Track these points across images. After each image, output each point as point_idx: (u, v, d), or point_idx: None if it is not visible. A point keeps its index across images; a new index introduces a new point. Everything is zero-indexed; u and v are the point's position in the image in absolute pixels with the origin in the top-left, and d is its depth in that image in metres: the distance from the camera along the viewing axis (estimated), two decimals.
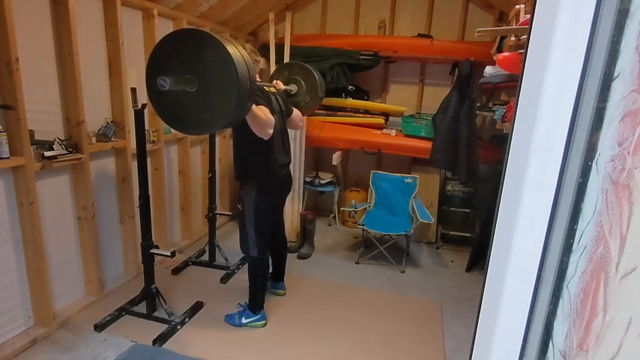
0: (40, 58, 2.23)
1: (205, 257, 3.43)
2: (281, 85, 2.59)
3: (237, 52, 1.55)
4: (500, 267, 0.87)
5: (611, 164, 0.64)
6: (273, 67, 3.88)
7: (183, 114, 1.57)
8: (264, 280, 2.56)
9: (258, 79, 2.37)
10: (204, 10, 3.53)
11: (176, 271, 3.19)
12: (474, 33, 2.91)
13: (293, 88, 2.74)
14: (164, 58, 1.54)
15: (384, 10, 4.18)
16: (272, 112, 2.22)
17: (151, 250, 2.47)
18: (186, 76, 1.51)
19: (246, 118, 2.03)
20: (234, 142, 2.45)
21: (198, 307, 2.69)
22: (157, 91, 1.51)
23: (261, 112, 2.10)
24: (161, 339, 2.33)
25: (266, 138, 2.17)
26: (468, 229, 4.13)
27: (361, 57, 3.85)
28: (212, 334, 2.46)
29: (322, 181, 4.25)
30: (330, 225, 4.49)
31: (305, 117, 3.05)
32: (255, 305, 2.53)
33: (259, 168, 2.38)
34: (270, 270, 2.95)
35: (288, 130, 2.62)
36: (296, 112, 2.62)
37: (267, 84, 2.47)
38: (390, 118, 4.18)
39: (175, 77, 1.50)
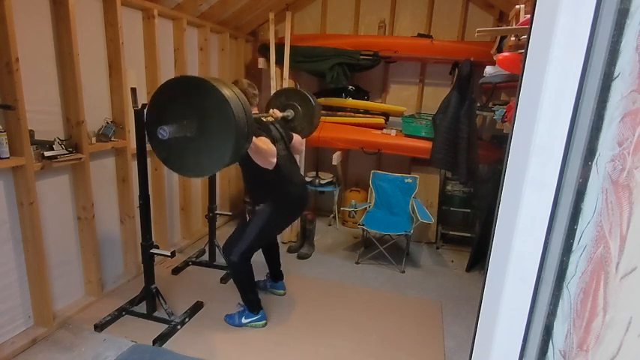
0: (40, 58, 2.23)
1: (205, 257, 3.43)
2: (278, 114, 2.63)
3: (234, 95, 1.57)
4: (500, 267, 0.87)
5: (611, 164, 0.64)
6: (273, 67, 3.88)
7: (182, 157, 1.60)
8: (249, 280, 2.54)
9: (255, 111, 2.44)
10: (204, 10, 3.54)
11: (176, 271, 3.19)
12: (474, 33, 2.91)
13: (290, 113, 2.79)
14: (163, 104, 1.57)
15: (384, 10, 4.19)
16: (273, 141, 2.27)
17: (151, 250, 2.47)
18: (185, 121, 1.53)
19: (249, 151, 2.06)
20: (243, 173, 2.47)
21: (198, 307, 2.69)
22: (157, 137, 1.53)
23: (262, 143, 2.14)
24: (161, 339, 2.33)
25: (270, 168, 2.19)
26: (468, 229, 4.13)
27: (361, 57, 3.85)
28: (212, 334, 2.46)
29: (322, 181, 4.25)
30: (330, 225, 4.49)
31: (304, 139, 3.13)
32: (252, 305, 2.53)
33: (275, 193, 2.41)
34: (268, 270, 2.96)
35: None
36: (296, 137, 2.68)
37: (265, 114, 2.52)
38: (390, 118, 4.18)
39: (174, 123, 1.52)
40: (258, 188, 2.45)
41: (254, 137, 2.05)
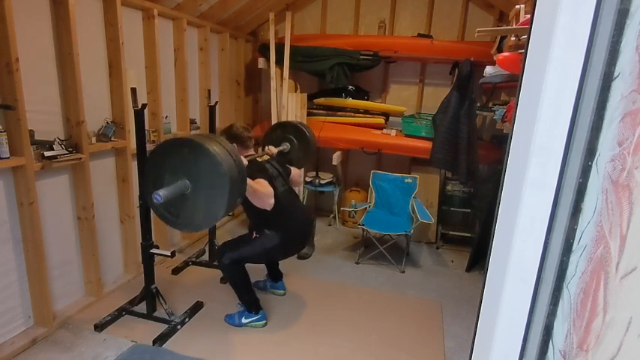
0: (40, 58, 2.23)
1: (205, 257, 3.43)
2: (273, 150, 2.65)
3: (224, 150, 1.60)
4: (500, 267, 0.87)
5: (611, 164, 0.64)
6: (273, 67, 3.88)
7: (178, 214, 1.63)
8: (243, 282, 2.54)
9: (251, 152, 2.49)
10: (204, 10, 3.54)
11: (176, 271, 3.19)
12: (474, 33, 2.91)
13: (285, 147, 2.83)
14: (157, 165, 1.62)
15: (384, 10, 4.18)
16: (270, 180, 2.31)
17: (151, 250, 2.47)
18: (179, 181, 1.57)
19: (246, 194, 2.07)
20: (244, 208, 2.48)
21: (198, 307, 2.69)
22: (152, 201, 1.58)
23: (259, 185, 2.17)
24: (161, 339, 2.33)
25: (268, 208, 2.21)
26: (468, 229, 4.13)
27: (361, 57, 3.84)
28: (212, 334, 2.46)
29: (322, 181, 4.25)
30: (330, 225, 4.49)
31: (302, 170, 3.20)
32: (250, 306, 2.53)
33: (278, 227, 2.43)
34: (266, 271, 2.96)
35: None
36: (294, 171, 2.72)
37: (260, 154, 2.54)
38: (390, 118, 4.18)
39: (169, 183, 1.56)
40: (261, 223, 2.47)
41: (250, 180, 2.09)
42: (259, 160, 2.47)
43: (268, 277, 2.98)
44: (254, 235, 2.47)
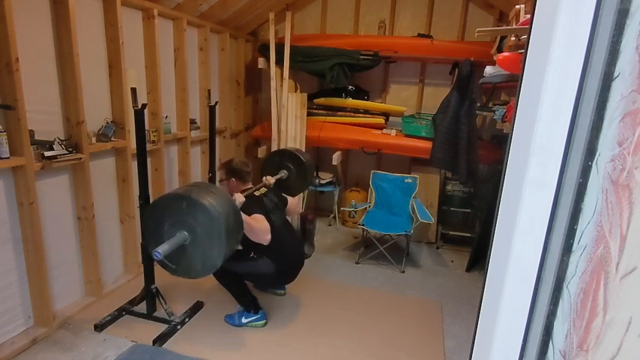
0: (40, 58, 2.23)
1: None
2: (271, 180, 2.65)
3: (219, 201, 1.65)
4: (500, 267, 0.87)
5: (611, 164, 0.64)
6: (273, 67, 3.88)
7: (179, 263, 1.69)
8: (236, 284, 2.55)
9: (249, 186, 2.52)
10: (204, 10, 3.54)
11: None
12: (474, 33, 2.91)
13: (283, 174, 2.83)
14: (156, 222, 1.67)
15: (384, 10, 4.18)
16: (267, 213, 2.34)
17: None
18: (178, 233, 1.61)
19: (244, 231, 2.09)
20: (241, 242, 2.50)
21: (198, 307, 2.69)
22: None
23: (255, 221, 2.20)
24: (161, 339, 2.33)
25: (265, 244, 2.24)
26: (468, 229, 4.13)
27: (361, 57, 3.84)
28: (212, 334, 2.46)
29: (322, 181, 4.25)
30: (330, 225, 4.49)
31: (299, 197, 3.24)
32: (248, 305, 2.53)
33: (276, 256, 2.45)
34: None
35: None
36: (291, 201, 2.75)
37: (257, 187, 2.54)
38: (390, 118, 4.18)
39: (169, 236, 1.61)
40: (258, 253, 2.47)
41: (247, 217, 2.13)
42: (257, 193, 2.50)
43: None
44: (252, 254, 2.48)
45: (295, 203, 2.82)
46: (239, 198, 2.20)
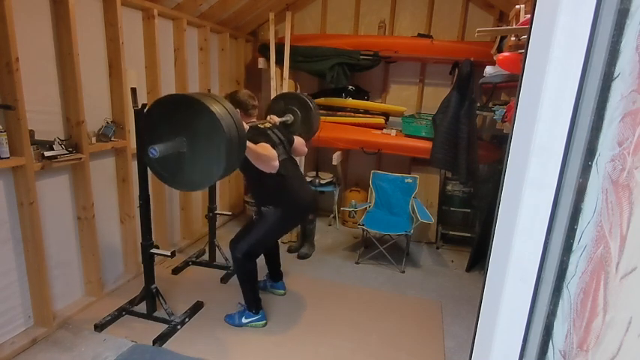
0: (40, 58, 2.23)
1: (205, 257, 3.43)
2: (276, 119, 2.63)
3: (225, 111, 1.58)
4: (500, 267, 0.87)
5: (611, 164, 0.64)
6: (273, 67, 3.88)
7: (174, 172, 1.62)
8: (253, 279, 2.54)
9: (253, 120, 2.46)
10: (204, 10, 3.53)
11: (176, 271, 3.19)
12: (474, 33, 2.91)
13: (289, 118, 2.78)
14: (156, 121, 1.60)
15: (384, 10, 4.18)
16: (273, 146, 2.28)
17: (151, 250, 2.47)
18: (177, 137, 1.55)
19: (250, 158, 2.08)
20: (245, 179, 2.48)
21: (198, 307, 2.69)
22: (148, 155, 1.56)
23: (262, 149, 2.15)
24: (161, 339, 2.33)
25: (274, 171, 2.21)
26: (468, 229, 4.13)
27: (361, 57, 3.84)
28: (212, 334, 2.46)
29: (322, 181, 4.25)
30: (330, 225, 4.49)
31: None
32: (252, 304, 2.53)
33: (278, 197, 2.41)
34: (267, 270, 2.96)
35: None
36: (298, 139, 2.68)
37: (262, 121, 2.52)
38: (390, 118, 4.18)
39: (167, 140, 1.55)
40: (262, 193, 2.46)
41: (253, 145, 2.08)
42: (261, 127, 2.43)
43: (268, 277, 2.98)
44: (254, 217, 2.46)
45: (302, 143, 2.68)
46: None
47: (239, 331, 2.50)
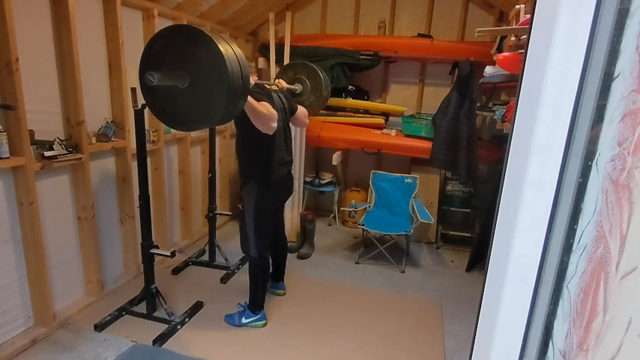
0: (40, 58, 2.23)
1: (205, 257, 3.42)
2: (283, 84, 2.56)
3: (230, 49, 1.53)
4: (500, 267, 0.87)
5: (611, 164, 0.64)
6: (273, 67, 3.88)
7: (174, 110, 1.57)
8: (265, 280, 2.56)
9: (254, 78, 2.37)
10: (204, 10, 3.53)
11: (176, 271, 3.19)
12: (474, 33, 2.91)
13: (297, 87, 2.70)
14: (157, 53, 1.54)
15: (384, 10, 4.18)
16: (274, 108, 2.22)
17: (151, 250, 2.47)
18: (178, 72, 1.50)
19: (248, 114, 2.03)
20: (237, 140, 2.45)
21: (198, 307, 2.69)
22: (148, 85, 1.50)
23: (263, 107, 2.09)
24: (161, 339, 2.33)
25: (271, 132, 2.16)
26: (468, 229, 4.13)
27: (361, 57, 3.85)
28: (212, 334, 2.46)
29: (322, 181, 4.25)
30: (330, 225, 4.49)
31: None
32: (256, 305, 2.53)
33: (260, 166, 2.36)
34: (271, 270, 2.96)
35: (292, 128, 2.59)
36: (301, 109, 2.59)
37: (269, 82, 2.46)
38: (390, 118, 4.18)
39: (166, 73, 1.49)
40: (247, 158, 2.39)
41: (255, 101, 2.01)
42: (267, 87, 2.36)
43: (270, 277, 2.97)
44: (240, 207, 2.44)
45: (304, 114, 2.59)
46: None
47: (239, 331, 2.50)
